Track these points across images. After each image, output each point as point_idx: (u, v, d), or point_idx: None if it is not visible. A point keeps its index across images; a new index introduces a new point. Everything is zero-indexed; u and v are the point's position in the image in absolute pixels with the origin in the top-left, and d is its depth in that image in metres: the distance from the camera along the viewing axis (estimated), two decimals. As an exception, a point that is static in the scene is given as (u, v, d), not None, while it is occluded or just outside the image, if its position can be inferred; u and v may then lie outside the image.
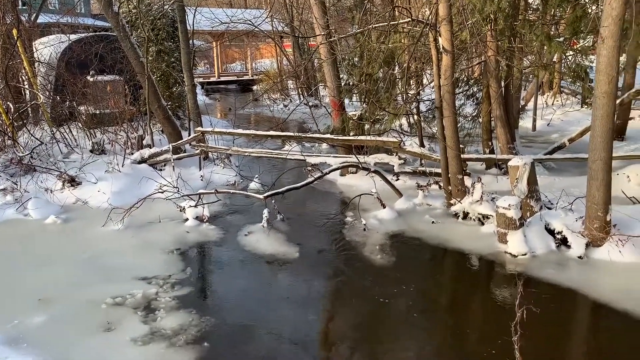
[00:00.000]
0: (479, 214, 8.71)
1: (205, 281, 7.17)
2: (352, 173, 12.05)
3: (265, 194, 9.09)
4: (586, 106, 17.72)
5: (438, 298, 6.51)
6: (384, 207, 9.38)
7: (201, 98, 25.66)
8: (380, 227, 8.80)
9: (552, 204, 8.41)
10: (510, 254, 7.40)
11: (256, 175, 11.60)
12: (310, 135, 12.60)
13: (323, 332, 5.87)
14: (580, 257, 7.11)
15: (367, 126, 12.63)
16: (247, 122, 21.92)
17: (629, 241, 6.90)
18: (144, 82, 13.16)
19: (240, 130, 13.19)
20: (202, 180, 11.42)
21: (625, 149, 12.36)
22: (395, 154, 11.52)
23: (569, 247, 7.33)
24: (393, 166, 11.60)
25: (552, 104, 19.90)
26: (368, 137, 11.48)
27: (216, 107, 27.30)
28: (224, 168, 12.29)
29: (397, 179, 11.37)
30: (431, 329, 5.72)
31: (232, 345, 5.41)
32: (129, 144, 12.80)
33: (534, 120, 16.69)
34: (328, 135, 11.84)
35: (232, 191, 10.06)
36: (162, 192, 9.80)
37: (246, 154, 12.46)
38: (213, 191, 9.53)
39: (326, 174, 9.88)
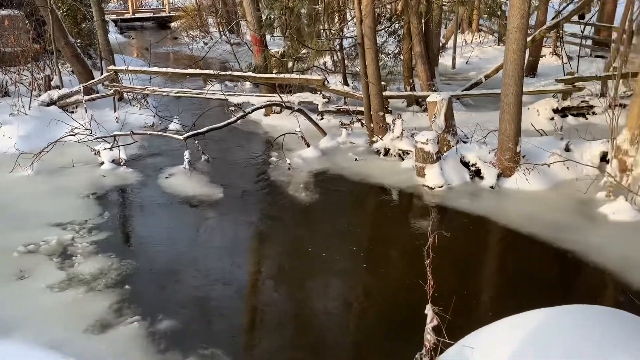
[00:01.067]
0: (399, 149, 8.93)
1: (125, 225, 6.97)
2: (277, 113, 11.90)
3: (186, 135, 8.82)
4: (502, 44, 18.29)
5: (360, 231, 6.70)
6: (308, 146, 9.39)
7: (115, 36, 24.10)
8: (305, 166, 8.84)
9: (467, 138, 8.76)
10: (428, 186, 7.70)
11: (176, 116, 11.20)
12: (231, 73, 12.22)
13: (251, 271, 5.92)
14: (492, 187, 7.51)
15: (290, 64, 12.40)
16: (165, 61, 20.92)
17: (534, 169, 7.35)
18: (48, 17, 12.11)
19: (156, 69, 12.55)
20: (117, 122, 10.88)
21: (536, 85, 12.96)
22: (319, 93, 11.46)
23: (482, 178, 7.72)
24: (317, 105, 11.56)
25: (471, 42, 20.38)
26: (291, 75, 11.31)
27: (131, 45, 25.77)
28: (141, 109, 11.76)
29: (322, 118, 11.37)
30: (354, 259, 5.91)
31: (158, 287, 5.35)
32: (36, 85, 11.89)
33: (454, 58, 17.06)
34: (250, 74, 11.55)
35: (149, 132, 9.68)
36: (74, 135, 9.26)
37: (164, 94, 11.93)
38: (129, 133, 9.12)
39: (248, 113, 9.70)
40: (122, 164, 8.75)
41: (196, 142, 8.87)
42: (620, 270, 5.36)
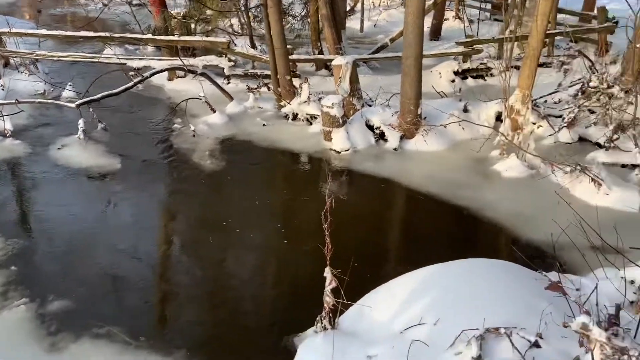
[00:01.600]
0: (307, 114, 8.88)
1: (13, 202, 6.43)
2: (181, 77, 11.39)
3: (79, 102, 8.22)
4: (408, 7, 18.55)
5: (269, 198, 6.62)
6: (214, 111, 9.11)
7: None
8: (211, 132, 8.58)
9: (372, 101, 8.86)
10: (335, 150, 7.75)
11: (69, 83, 10.39)
12: (126, 35, 11.48)
13: (159, 243, 5.68)
14: (395, 149, 7.69)
15: (193, 26, 11.86)
16: (62, 23, 19.31)
17: (433, 131, 7.58)
18: None
19: (44, 31, 11.55)
20: (2, 89, 9.94)
21: (439, 48, 13.31)
22: (225, 56, 11.09)
23: (386, 140, 7.87)
24: (223, 69, 11.21)
25: (379, 5, 20.51)
26: (194, 38, 10.83)
27: (21, 6, 23.54)
28: (30, 76, 10.80)
29: (228, 82, 11.05)
30: (265, 227, 5.84)
31: (50, 267, 5.00)
32: None
33: (362, 22, 17.11)
34: (148, 36, 10.92)
35: (37, 100, 8.94)
36: (-51, 105, 8.35)
37: (55, 58, 11.03)
38: (14, 101, 8.36)
39: (147, 77, 9.19)
40: (7, 135, 8.04)
41: (91, 109, 8.31)
42: (511, 225, 5.70)
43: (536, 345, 3.15)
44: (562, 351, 3.09)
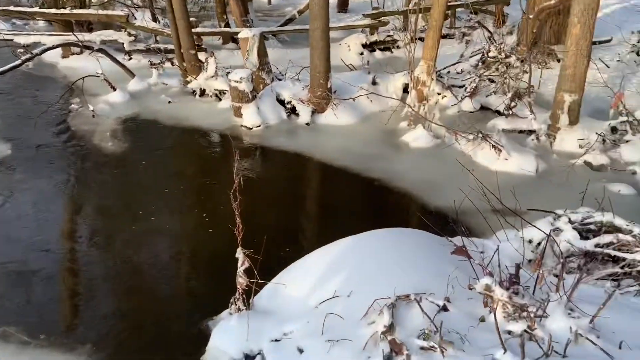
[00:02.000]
0: (215, 89, 8.61)
1: None
2: (76, 54, 10.62)
3: (-43, 83, 7.43)
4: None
5: (177, 178, 6.37)
6: (114, 89, 8.60)
7: None
8: (112, 112, 8.11)
9: (282, 75, 8.73)
10: (246, 126, 7.58)
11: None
12: (12, 9, 10.46)
13: (63, 234, 5.28)
14: (307, 124, 7.65)
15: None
16: None
17: (342, 104, 7.62)
18: None
19: None
20: None
21: (347, 20, 13.34)
22: (124, 30, 10.47)
23: (297, 115, 7.80)
24: (123, 44, 10.59)
25: (286, -23, 20.18)
26: (88, 11, 10.09)
27: None
28: None
29: (129, 59, 10.47)
30: (173, 208, 5.61)
31: None
32: None
33: (270, -6, 16.79)
34: (36, 9, 10.04)
35: None
36: None
37: None
38: None
39: (37, 54, 8.48)
40: None
41: (-27, 91, 7.55)
42: (420, 193, 5.86)
43: (444, 309, 3.27)
44: (469, 313, 3.22)
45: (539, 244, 4.23)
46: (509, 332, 2.92)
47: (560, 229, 4.23)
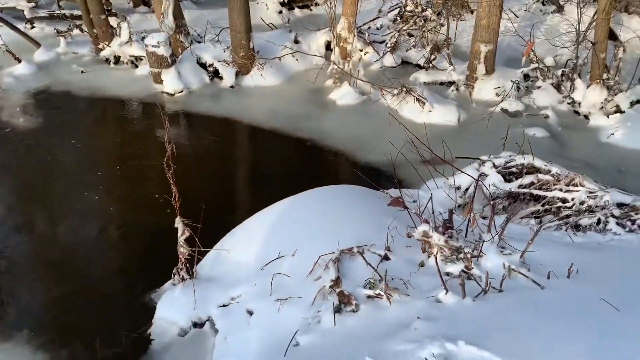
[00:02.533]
0: (130, 56, 8.19)
1: None
2: (-31, 23, 9.70)
3: None
4: None
5: (100, 152, 6.08)
6: (19, 61, 7.98)
7: None
8: (19, 86, 7.54)
9: (201, 37, 8.44)
10: (168, 93, 7.31)
11: None
12: None
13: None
14: (232, 87, 7.48)
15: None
16: None
17: (267, 64, 7.50)
18: None
19: None
20: None
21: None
22: (21, -4, 9.64)
23: (221, 78, 7.61)
24: (23, 11, 9.77)
25: None
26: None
27: None
28: None
29: (32, 27, 9.68)
30: (100, 183, 5.36)
31: None
32: None
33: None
34: None
35: None
36: None
37: None
38: None
39: None
40: None
41: None
42: (351, 150, 5.96)
43: (386, 258, 3.40)
44: (409, 259, 3.38)
45: (467, 189, 4.47)
46: (448, 274, 3.09)
47: (485, 174, 4.48)
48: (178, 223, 3.60)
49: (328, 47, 8.10)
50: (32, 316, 3.75)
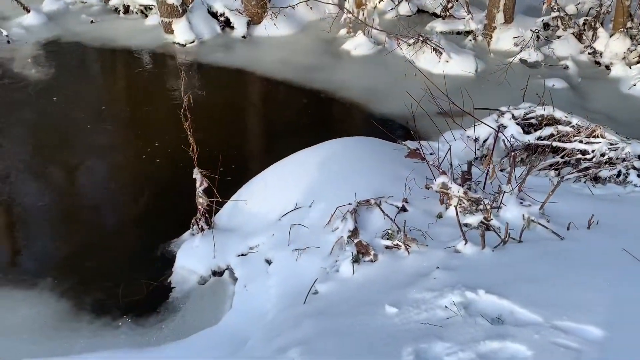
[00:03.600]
0: (140, 5, 8.01)
1: None
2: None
3: None
4: None
5: (114, 103, 6.04)
6: (28, 11, 7.84)
7: None
8: (29, 37, 7.44)
9: (212, -15, 8.22)
10: (179, 43, 7.19)
11: None
12: None
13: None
14: (244, 37, 7.34)
15: None
16: None
17: (280, 13, 7.31)
18: None
19: None
20: None
21: None
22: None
23: (232, 28, 7.46)
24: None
25: None
26: None
27: None
28: None
29: (38, -25, 9.47)
30: (115, 134, 5.37)
31: None
32: None
33: None
34: None
35: None
36: None
37: None
38: None
39: None
40: None
41: None
42: (366, 101, 5.88)
43: (403, 209, 3.41)
44: (426, 211, 3.38)
45: (485, 141, 4.42)
46: (466, 225, 3.09)
47: (504, 125, 4.42)
48: (196, 174, 3.61)
49: (342, -5, 7.88)
50: (55, 265, 3.83)
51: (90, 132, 5.38)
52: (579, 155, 4.02)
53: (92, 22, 7.91)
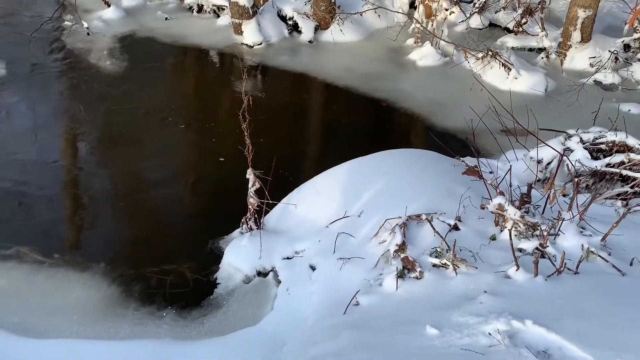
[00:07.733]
0: (213, 5, 8.23)
1: None
2: (65, -33, 10.07)
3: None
4: None
5: (179, 98, 6.23)
6: (109, 5, 8.22)
7: None
8: (107, 30, 7.78)
9: (283, -11, 8.34)
10: (247, 44, 7.32)
11: None
12: None
13: (65, 155, 5.22)
14: (310, 42, 7.39)
15: None
16: None
17: (348, 19, 7.31)
18: None
19: None
20: None
21: None
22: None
23: (300, 32, 7.52)
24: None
25: None
26: None
27: None
28: None
29: (121, -28, 9.93)
30: (176, 128, 5.53)
31: None
32: None
33: None
34: None
35: None
36: None
37: None
38: None
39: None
40: None
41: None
42: (428, 113, 5.78)
43: (455, 228, 3.30)
44: (480, 231, 3.26)
45: (549, 164, 4.22)
46: (520, 250, 2.96)
47: (570, 149, 4.21)
48: (249, 174, 3.65)
49: (412, 4, 7.79)
50: (109, 251, 3.97)
51: (154, 125, 5.56)
52: (651, 187, 3.77)
53: (166, 19, 8.19)
